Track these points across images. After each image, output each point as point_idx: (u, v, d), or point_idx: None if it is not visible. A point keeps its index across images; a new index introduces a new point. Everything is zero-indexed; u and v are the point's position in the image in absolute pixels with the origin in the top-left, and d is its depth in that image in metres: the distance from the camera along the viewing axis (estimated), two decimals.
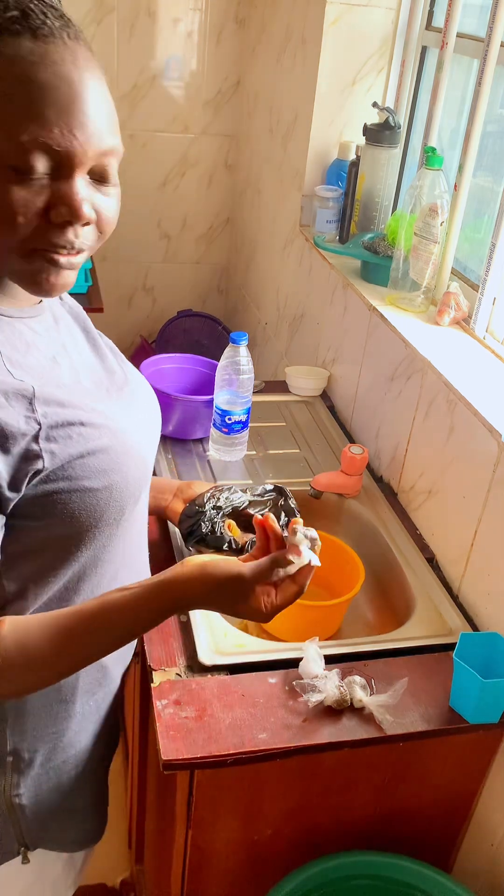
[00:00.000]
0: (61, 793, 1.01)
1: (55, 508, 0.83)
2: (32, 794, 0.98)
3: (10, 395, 0.77)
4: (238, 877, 1.21)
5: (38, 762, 0.97)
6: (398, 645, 1.20)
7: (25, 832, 0.99)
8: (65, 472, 0.81)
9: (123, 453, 0.88)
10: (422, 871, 1.18)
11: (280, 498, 1.30)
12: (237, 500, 1.27)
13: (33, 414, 0.79)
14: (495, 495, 1.21)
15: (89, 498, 0.84)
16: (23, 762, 0.96)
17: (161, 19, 2.55)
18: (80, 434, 0.83)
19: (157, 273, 2.98)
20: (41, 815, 0.99)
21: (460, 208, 1.52)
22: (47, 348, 0.87)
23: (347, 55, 1.89)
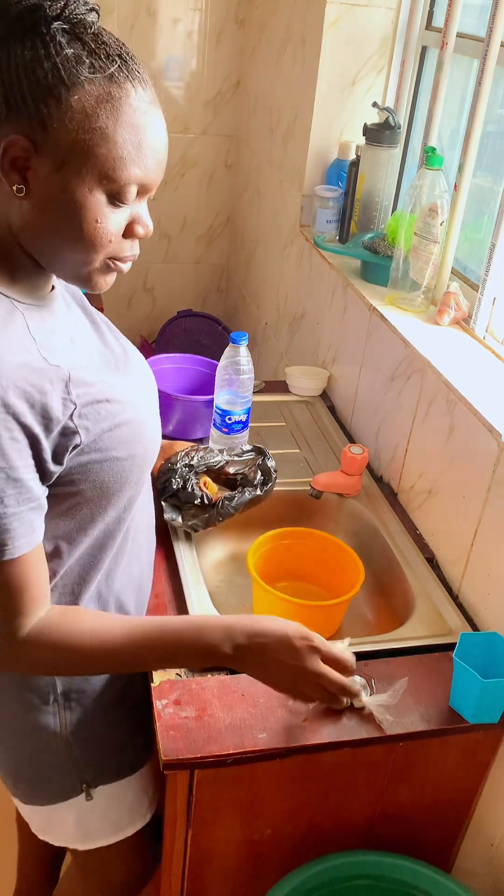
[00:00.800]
0: (109, 724, 1.10)
1: (88, 476, 0.92)
2: (84, 730, 1.07)
3: (52, 381, 0.85)
4: (238, 877, 1.22)
5: (85, 699, 1.06)
6: (398, 645, 1.20)
7: (84, 768, 1.09)
8: (96, 444, 0.90)
9: (142, 424, 0.98)
10: (422, 871, 1.18)
11: (259, 457, 1.31)
12: (212, 459, 1.30)
13: (69, 396, 0.86)
14: (495, 495, 1.21)
15: (117, 466, 0.94)
16: (72, 701, 1.05)
17: (161, 19, 2.55)
18: (107, 410, 0.91)
19: (157, 273, 2.99)
20: (94, 749, 1.09)
21: (460, 208, 1.52)
22: (66, 331, 0.93)
23: (347, 55, 1.89)
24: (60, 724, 1.06)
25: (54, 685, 1.04)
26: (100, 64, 0.80)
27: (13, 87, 0.78)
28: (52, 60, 0.78)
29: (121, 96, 0.81)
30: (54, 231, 0.85)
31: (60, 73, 0.78)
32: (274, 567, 1.40)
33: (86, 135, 0.80)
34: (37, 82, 0.78)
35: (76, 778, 1.10)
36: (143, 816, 1.21)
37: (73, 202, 0.82)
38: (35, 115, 0.79)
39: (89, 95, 0.79)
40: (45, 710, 1.04)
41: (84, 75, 0.79)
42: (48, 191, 0.82)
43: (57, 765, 1.09)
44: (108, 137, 0.81)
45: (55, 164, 0.81)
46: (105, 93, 0.80)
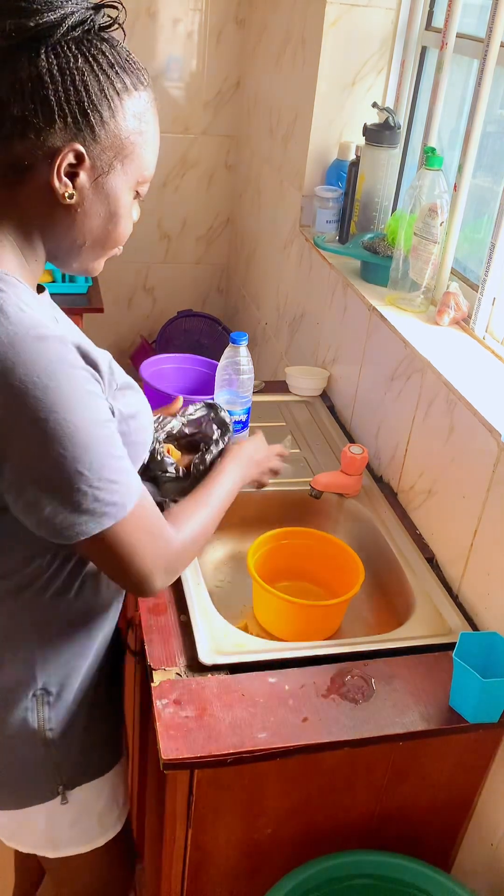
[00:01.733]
0: (87, 721, 1.09)
1: None
2: (62, 727, 1.06)
3: (99, 358, 0.89)
4: (238, 876, 1.22)
5: (64, 695, 1.05)
6: (398, 644, 1.20)
7: (61, 768, 1.08)
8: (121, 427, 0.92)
9: (148, 415, 1.03)
10: (422, 870, 1.18)
11: (210, 412, 1.30)
12: (169, 425, 1.30)
13: (113, 375, 0.92)
14: (495, 495, 1.21)
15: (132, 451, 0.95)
16: (51, 696, 1.04)
17: (161, 19, 2.55)
18: (133, 397, 0.97)
19: (157, 273, 2.99)
20: (72, 747, 1.07)
21: (460, 208, 1.52)
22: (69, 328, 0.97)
23: (347, 55, 1.90)
24: (39, 722, 1.04)
25: (35, 680, 1.03)
26: (136, 73, 0.86)
27: (70, 96, 0.81)
28: (105, 71, 0.82)
29: (150, 103, 0.88)
30: (92, 232, 0.90)
31: (114, 84, 0.83)
32: (274, 567, 1.40)
33: (133, 139, 0.87)
34: (95, 91, 0.82)
35: (53, 779, 1.08)
36: (112, 826, 1.19)
37: (117, 204, 0.89)
38: (87, 124, 0.82)
39: (136, 104, 0.86)
40: (23, 708, 1.03)
41: (129, 83, 0.85)
42: (95, 195, 0.87)
43: (34, 764, 1.07)
44: (148, 141, 0.89)
45: (104, 169, 0.86)
46: (145, 101, 0.87)
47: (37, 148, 0.82)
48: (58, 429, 0.80)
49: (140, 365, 1.70)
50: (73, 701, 1.06)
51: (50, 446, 0.80)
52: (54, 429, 0.80)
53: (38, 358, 0.80)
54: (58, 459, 0.81)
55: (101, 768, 1.14)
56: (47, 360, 0.80)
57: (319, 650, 1.19)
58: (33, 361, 0.79)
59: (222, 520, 1.52)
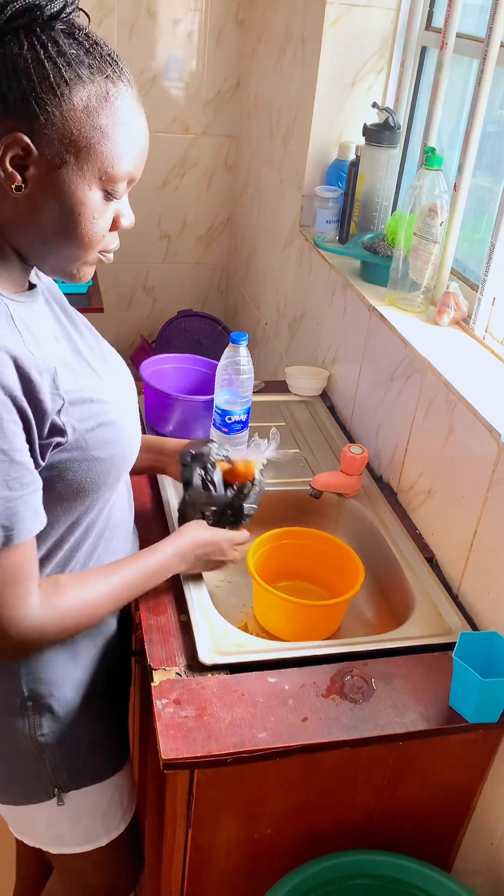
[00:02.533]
0: (81, 727, 1.09)
1: (65, 475, 0.92)
2: (56, 733, 1.06)
3: (41, 372, 0.84)
4: (238, 876, 1.22)
5: (56, 702, 1.05)
6: (398, 644, 1.20)
7: (56, 772, 1.09)
8: (78, 443, 0.90)
9: (124, 425, 0.98)
10: (422, 870, 1.18)
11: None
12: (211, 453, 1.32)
13: (57, 391, 0.87)
14: (495, 495, 1.21)
15: (95, 466, 0.94)
16: (42, 704, 1.04)
17: (161, 20, 2.55)
18: (91, 410, 0.92)
19: (157, 273, 2.99)
20: (67, 752, 1.08)
21: (460, 208, 1.52)
22: (48, 328, 0.93)
23: (347, 56, 1.90)
24: (30, 728, 1.05)
25: (22, 689, 1.03)
26: (97, 64, 0.82)
27: (13, 85, 0.79)
28: (53, 60, 0.79)
29: (116, 95, 0.83)
30: (50, 228, 0.86)
31: (62, 73, 0.79)
32: (274, 567, 1.40)
33: (87, 133, 0.82)
34: (39, 81, 0.79)
35: (48, 782, 1.09)
36: (117, 826, 1.20)
37: (72, 200, 0.84)
38: (35, 113, 0.79)
39: (90, 95, 0.81)
40: (15, 715, 1.04)
41: (84, 75, 0.81)
42: (46, 189, 0.83)
43: (29, 768, 1.08)
44: (107, 135, 0.83)
45: (55, 163, 0.82)
46: (104, 92, 0.82)
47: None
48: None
49: (140, 365, 1.70)
50: (67, 707, 1.07)
51: None
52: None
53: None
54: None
55: (100, 774, 1.14)
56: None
57: (319, 650, 1.19)
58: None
59: None
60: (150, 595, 1.23)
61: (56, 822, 1.13)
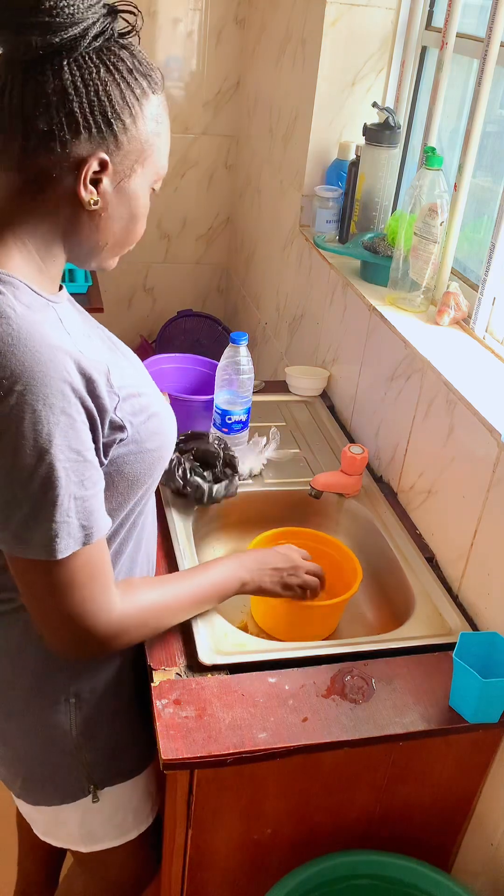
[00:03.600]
0: (117, 726, 1.12)
1: (122, 469, 0.94)
2: (93, 731, 1.08)
3: (98, 372, 0.86)
4: (238, 877, 1.22)
5: (93, 701, 1.07)
6: (398, 645, 1.20)
7: (92, 769, 1.10)
8: (134, 437, 0.93)
9: (167, 416, 1.02)
10: (422, 870, 1.18)
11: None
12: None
13: (112, 388, 0.89)
14: (495, 495, 1.21)
15: (148, 457, 0.97)
16: (82, 702, 1.06)
17: (161, 19, 2.55)
18: (140, 403, 0.94)
19: (157, 273, 2.99)
20: (103, 749, 1.10)
21: (460, 208, 1.52)
22: (81, 327, 0.95)
23: (347, 55, 1.89)
24: (71, 725, 1.06)
25: (67, 686, 1.05)
26: (152, 74, 0.87)
27: (94, 107, 0.82)
28: (125, 79, 0.83)
29: (163, 102, 0.90)
30: (115, 233, 0.91)
31: (135, 91, 0.84)
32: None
33: (152, 141, 0.88)
34: (117, 101, 0.83)
35: (84, 779, 1.10)
36: (146, 819, 1.22)
37: (138, 204, 0.92)
38: (111, 133, 0.84)
39: (153, 106, 0.87)
40: (57, 710, 1.05)
41: (146, 87, 0.86)
42: (118, 198, 0.89)
43: (66, 765, 1.09)
44: (163, 140, 0.90)
45: (126, 173, 0.87)
46: (159, 102, 0.88)
47: (63, 159, 0.83)
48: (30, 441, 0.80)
49: None
50: (103, 706, 1.08)
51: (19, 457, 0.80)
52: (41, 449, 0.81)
53: (45, 367, 0.80)
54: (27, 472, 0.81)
55: (132, 769, 1.16)
56: (52, 370, 0.81)
57: (319, 650, 1.19)
58: (40, 371, 0.80)
59: (222, 519, 1.53)
60: None
61: (89, 820, 1.15)
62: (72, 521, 0.84)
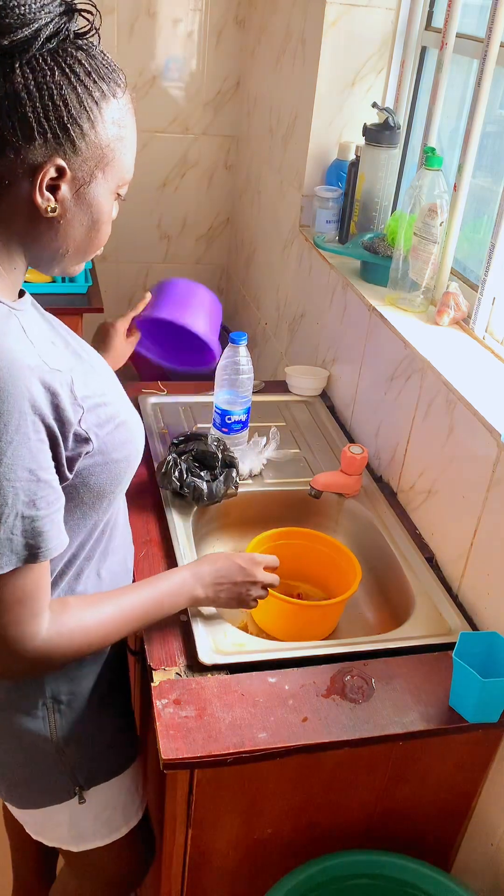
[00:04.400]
0: (97, 726, 1.11)
1: (88, 480, 0.93)
2: (74, 733, 1.07)
3: (60, 384, 0.84)
4: (238, 876, 1.22)
5: (73, 702, 1.06)
6: (398, 644, 1.20)
7: (76, 771, 1.10)
8: (100, 448, 0.91)
9: (133, 423, 0.99)
10: (422, 870, 1.18)
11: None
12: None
13: (76, 400, 0.87)
14: (495, 495, 1.21)
15: (114, 468, 0.95)
16: (61, 703, 1.05)
17: (161, 19, 2.55)
18: (106, 412, 0.92)
19: (157, 273, 2.98)
20: (85, 749, 1.09)
21: (460, 208, 1.52)
22: (45, 334, 0.92)
23: (347, 56, 1.89)
24: (51, 729, 1.06)
25: (43, 690, 1.04)
26: (112, 76, 0.83)
27: (49, 112, 0.79)
28: (83, 82, 0.80)
29: (127, 104, 0.86)
30: (76, 240, 0.88)
31: (93, 94, 0.81)
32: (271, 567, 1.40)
33: (113, 146, 0.85)
34: (74, 105, 0.80)
35: (69, 781, 1.10)
36: (135, 814, 1.22)
37: (100, 210, 0.88)
38: (67, 138, 0.81)
39: (113, 109, 0.83)
40: (35, 716, 1.05)
41: (107, 90, 0.82)
42: (77, 205, 0.85)
43: (49, 769, 1.09)
44: (127, 144, 0.87)
45: (86, 180, 0.84)
46: (122, 104, 0.84)
47: (17, 166, 0.80)
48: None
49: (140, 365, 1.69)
50: (83, 706, 1.08)
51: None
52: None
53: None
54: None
55: (116, 768, 1.15)
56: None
57: (319, 650, 1.19)
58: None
59: (222, 519, 1.53)
60: None
61: (78, 821, 1.14)
62: (15, 538, 0.83)
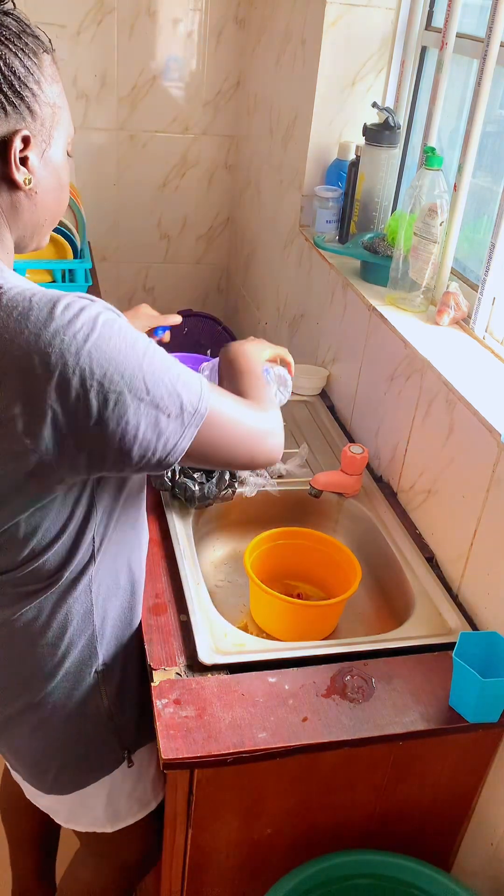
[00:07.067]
0: (134, 688, 1.15)
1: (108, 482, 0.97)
2: (120, 697, 1.12)
3: None
4: (238, 876, 1.22)
5: (117, 667, 1.11)
6: (398, 644, 1.21)
7: (123, 732, 1.13)
8: None
9: None
10: (422, 870, 1.18)
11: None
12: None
13: None
14: (495, 495, 1.21)
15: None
16: (110, 671, 1.10)
17: (161, 19, 2.55)
18: None
19: (157, 273, 2.98)
20: (130, 714, 1.14)
21: (460, 208, 1.52)
22: None
23: (347, 55, 1.89)
24: (102, 695, 1.09)
25: (96, 658, 1.07)
26: (37, 34, 0.84)
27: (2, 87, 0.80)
28: (17, 46, 0.81)
29: (55, 59, 0.87)
30: (49, 206, 0.89)
31: (29, 56, 0.82)
32: (271, 567, 1.40)
33: (59, 102, 0.86)
34: (18, 71, 0.80)
35: (117, 746, 1.13)
36: (162, 789, 1.24)
37: (62, 172, 0.90)
38: (22, 103, 0.81)
39: (48, 65, 0.84)
40: (89, 685, 1.08)
41: (39, 51, 0.83)
42: (45, 170, 0.87)
43: (101, 737, 1.12)
44: (64, 99, 0.88)
45: (46, 143, 0.86)
46: (51, 60, 0.86)
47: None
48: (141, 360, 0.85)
49: None
50: (125, 670, 1.12)
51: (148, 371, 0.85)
52: (133, 359, 0.84)
53: (68, 321, 0.81)
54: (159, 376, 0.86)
55: (151, 731, 1.16)
56: (73, 317, 0.81)
57: (319, 650, 1.19)
58: (65, 325, 0.80)
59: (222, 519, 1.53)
60: (150, 595, 1.23)
61: (116, 796, 1.17)
62: (203, 384, 0.92)
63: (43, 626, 1.01)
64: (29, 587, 0.98)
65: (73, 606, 1.01)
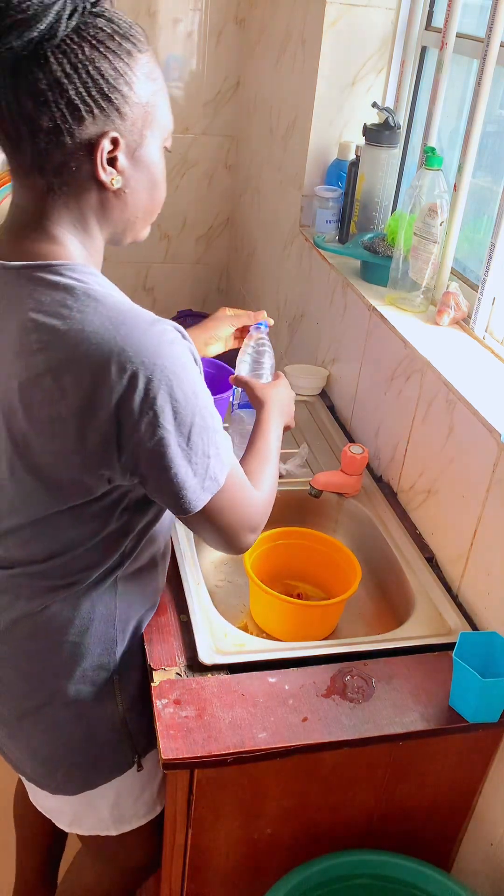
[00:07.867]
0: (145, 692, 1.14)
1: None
2: (132, 701, 1.12)
3: None
4: (238, 876, 1.22)
5: (130, 672, 1.11)
6: (398, 644, 1.21)
7: (136, 739, 1.14)
8: None
9: None
10: (422, 869, 1.18)
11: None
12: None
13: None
14: (494, 495, 1.21)
15: None
16: (127, 676, 1.11)
17: (161, 19, 2.55)
18: None
19: (157, 273, 2.99)
20: (141, 718, 1.14)
21: (460, 208, 1.52)
22: None
23: (347, 55, 1.89)
24: (119, 700, 1.10)
25: (114, 663, 1.08)
26: (133, 33, 0.84)
27: (84, 91, 0.81)
28: (109, 48, 0.82)
29: (152, 55, 0.87)
30: (142, 204, 0.92)
31: (122, 57, 0.82)
32: (271, 568, 1.40)
33: (152, 101, 0.87)
34: (108, 75, 0.82)
35: (129, 750, 1.13)
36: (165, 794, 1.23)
37: (155, 169, 0.91)
38: (111, 106, 0.83)
39: (143, 65, 0.85)
40: (107, 687, 1.09)
41: (133, 51, 0.84)
42: (136, 170, 0.89)
43: (114, 741, 1.12)
44: (162, 96, 0.89)
45: (138, 143, 0.87)
46: (148, 59, 0.86)
47: (76, 149, 0.83)
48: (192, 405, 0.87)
49: None
50: (136, 675, 1.12)
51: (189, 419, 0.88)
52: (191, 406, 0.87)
53: (158, 341, 0.84)
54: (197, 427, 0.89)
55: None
56: (166, 342, 0.85)
57: (319, 650, 1.19)
58: (155, 345, 0.84)
59: None
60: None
61: (123, 799, 1.17)
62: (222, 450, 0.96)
63: (65, 623, 1.02)
64: (55, 581, 1.00)
65: (96, 607, 1.03)
